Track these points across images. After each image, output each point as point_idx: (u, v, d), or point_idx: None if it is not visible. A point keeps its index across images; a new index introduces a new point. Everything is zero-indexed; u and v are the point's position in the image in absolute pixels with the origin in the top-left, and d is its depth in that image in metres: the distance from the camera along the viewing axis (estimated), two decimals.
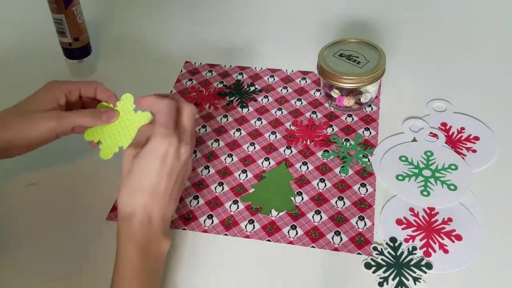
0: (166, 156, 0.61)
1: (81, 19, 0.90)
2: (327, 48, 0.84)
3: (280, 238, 0.68)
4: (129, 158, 0.62)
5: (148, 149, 0.61)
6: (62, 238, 0.69)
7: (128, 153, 0.62)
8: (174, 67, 0.96)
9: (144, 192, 0.60)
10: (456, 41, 0.97)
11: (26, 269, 0.66)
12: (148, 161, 0.61)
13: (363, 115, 0.84)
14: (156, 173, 0.61)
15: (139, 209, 0.60)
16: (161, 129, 0.61)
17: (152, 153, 0.61)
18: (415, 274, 0.63)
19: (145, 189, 0.60)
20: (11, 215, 0.72)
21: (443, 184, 0.73)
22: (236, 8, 1.10)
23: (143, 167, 0.61)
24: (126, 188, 0.61)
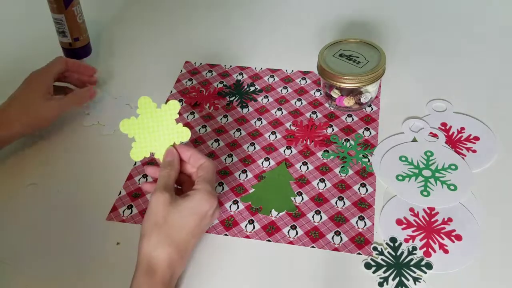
0: (206, 215, 0.62)
1: (81, 19, 0.90)
2: (327, 48, 0.84)
3: (280, 238, 0.68)
4: (164, 204, 0.60)
5: (191, 205, 0.61)
6: (62, 238, 0.69)
7: (162, 199, 0.61)
8: (174, 67, 0.96)
9: (174, 246, 0.59)
10: (456, 41, 0.97)
11: (26, 269, 0.66)
12: (189, 217, 0.61)
13: (363, 115, 0.84)
14: (191, 231, 0.61)
15: (164, 263, 0.59)
16: (207, 187, 0.62)
17: (194, 210, 0.61)
18: (415, 274, 0.63)
19: (176, 244, 0.60)
20: (11, 215, 0.72)
21: (443, 184, 0.73)
22: (236, 8, 1.10)
23: (182, 222, 0.60)
24: (157, 236, 0.59)
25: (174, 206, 0.60)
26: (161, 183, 0.63)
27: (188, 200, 0.61)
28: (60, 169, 0.78)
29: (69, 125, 0.85)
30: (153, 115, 0.66)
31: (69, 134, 0.84)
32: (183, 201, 0.61)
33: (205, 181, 0.63)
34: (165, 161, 0.66)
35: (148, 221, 0.60)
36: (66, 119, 0.85)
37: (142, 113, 0.66)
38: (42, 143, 0.82)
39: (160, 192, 0.61)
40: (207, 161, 0.66)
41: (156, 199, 0.61)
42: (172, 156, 0.66)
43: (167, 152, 0.67)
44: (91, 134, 0.84)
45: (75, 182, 0.77)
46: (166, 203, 0.60)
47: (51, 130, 0.84)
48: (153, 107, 0.66)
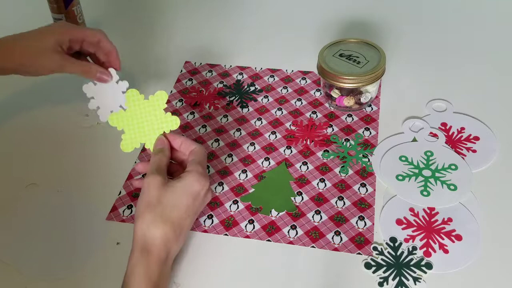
0: (198, 195, 0.63)
1: (81, 19, 0.90)
2: (327, 48, 0.84)
3: (280, 238, 0.68)
4: (158, 186, 0.61)
5: (184, 184, 0.62)
6: (62, 238, 0.69)
7: (156, 181, 0.62)
8: (174, 67, 0.96)
9: (169, 225, 0.60)
10: (456, 41, 0.97)
11: (26, 269, 0.66)
12: (182, 197, 0.62)
13: (363, 115, 0.84)
14: (185, 209, 0.61)
15: (160, 242, 0.59)
16: (199, 168, 0.64)
17: (187, 189, 0.62)
18: (415, 274, 0.63)
19: (170, 222, 0.60)
20: (11, 215, 0.72)
21: (443, 184, 0.73)
22: (236, 8, 1.10)
23: (175, 201, 0.61)
24: (151, 216, 0.60)
25: (167, 187, 0.62)
26: (153, 167, 0.64)
27: (181, 180, 0.63)
28: (60, 169, 0.78)
29: (69, 125, 0.85)
30: (141, 107, 0.68)
31: (69, 134, 0.84)
32: (175, 182, 0.62)
33: (196, 163, 0.64)
34: (156, 148, 0.68)
35: (142, 203, 0.61)
36: (66, 119, 0.85)
37: (130, 105, 0.68)
38: (42, 143, 0.82)
39: (152, 175, 0.62)
40: (198, 146, 0.67)
41: (149, 182, 0.62)
42: (162, 144, 0.68)
43: (157, 140, 0.68)
44: (91, 134, 0.84)
45: (75, 182, 0.77)
46: (159, 184, 0.61)
47: (51, 130, 0.84)
48: (141, 98, 0.68)
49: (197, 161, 0.65)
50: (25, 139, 0.82)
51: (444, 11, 1.05)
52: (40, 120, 0.86)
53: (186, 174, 0.64)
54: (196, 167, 0.64)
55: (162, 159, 0.66)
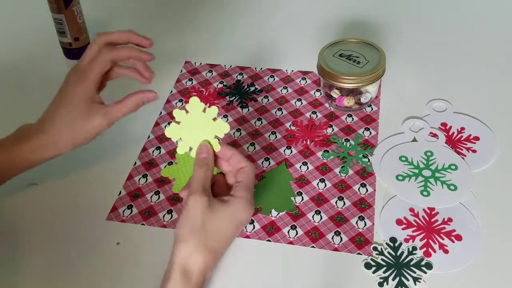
0: (242, 225, 0.60)
1: (81, 19, 0.90)
2: (327, 48, 0.84)
3: (280, 238, 0.68)
4: (204, 208, 0.57)
5: (231, 211, 0.59)
6: (62, 238, 0.69)
7: (201, 202, 0.57)
8: (174, 67, 0.96)
9: (212, 254, 0.57)
10: (456, 41, 0.97)
11: (26, 269, 0.66)
12: (228, 225, 0.58)
13: (363, 115, 0.84)
14: (229, 239, 0.59)
15: (200, 270, 0.56)
16: (248, 195, 0.60)
17: (233, 218, 0.59)
18: (415, 274, 0.63)
19: (214, 252, 0.58)
20: (11, 215, 0.72)
21: (443, 184, 0.73)
22: (236, 8, 1.10)
23: (221, 229, 0.58)
24: (195, 241, 0.57)
25: (212, 211, 0.57)
26: (199, 185, 0.59)
27: (228, 206, 0.59)
28: (60, 169, 0.78)
29: None
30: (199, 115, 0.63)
31: None
32: (222, 207, 0.58)
33: (246, 189, 0.60)
34: (200, 158, 0.62)
35: (186, 226, 0.57)
36: None
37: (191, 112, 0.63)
38: None
39: (199, 195, 0.57)
40: (249, 165, 0.62)
41: (195, 202, 0.57)
42: (206, 153, 0.62)
43: (200, 148, 0.63)
44: None
45: (75, 182, 0.77)
46: (205, 207, 0.57)
47: None
48: (201, 107, 0.63)
49: (247, 186, 0.61)
50: None
51: (444, 11, 1.05)
52: None
53: (234, 200, 0.59)
54: (246, 194, 0.60)
55: (208, 175, 0.60)
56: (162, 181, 0.76)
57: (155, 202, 0.73)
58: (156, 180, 0.76)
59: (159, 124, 0.85)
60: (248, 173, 0.62)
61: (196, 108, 0.63)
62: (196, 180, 0.59)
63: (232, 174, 0.64)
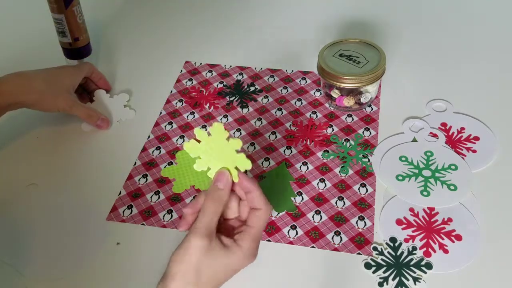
0: (238, 271, 0.56)
1: (81, 19, 0.90)
2: (327, 48, 0.84)
3: (280, 238, 0.68)
4: (202, 250, 0.53)
5: (231, 261, 0.55)
6: (62, 238, 0.69)
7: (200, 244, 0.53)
8: (174, 67, 0.96)
9: None
10: (456, 41, 0.97)
11: (26, 269, 0.66)
12: (223, 274, 0.55)
13: (363, 115, 0.84)
14: (221, 284, 0.55)
15: None
16: (253, 245, 0.55)
17: (231, 267, 0.55)
18: (415, 274, 0.63)
19: None
20: (11, 215, 0.72)
21: (443, 184, 0.73)
22: (236, 8, 1.10)
23: (214, 275, 0.54)
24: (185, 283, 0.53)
25: (211, 256, 0.54)
26: (206, 224, 0.54)
27: (228, 255, 0.55)
28: (60, 169, 0.78)
29: (69, 125, 0.85)
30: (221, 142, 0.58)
31: (69, 134, 0.84)
32: (222, 254, 0.54)
33: (253, 239, 0.56)
34: (215, 189, 0.56)
35: (181, 264, 0.54)
36: (66, 120, 0.85)
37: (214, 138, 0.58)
38: (42, 143, 0.82)
39: (201, 238, 0.53)
40: (265, 210, 0.57)
41: (195, 243, 0.53)
42: (224, 185, 0.56)
43: (219, 176, 0.56)
44: (91, 134, 0.84)
45: (75, 182, 0.77)
46: (205, 250, 0.53)
47: (51, 130, 0.84)
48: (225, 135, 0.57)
49: (255, 236, 0.56)
50: (26, 139, 0.82)
51: (444, 11, 1.05)
52: (40, 121, 0.85)
53: (237, 250, 0.55)
54: (251, 244, 0.55)
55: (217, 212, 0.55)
56: (162, 181, 0.76)
57: (155, 202, 0.73)
58: (156, 180, 0.76)
59: (159, 124, 0.85)
60: (261, 220, 0.57)
61: (219, 134, 0.57)
62: (205, 217, 0.55)
63: (243, 204, 0.59)
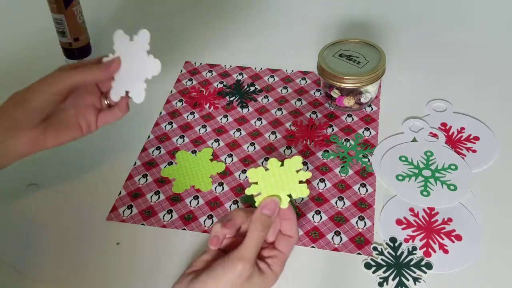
0: None
1: (81, 19, 0.90)
2: (327, 48, 0.84)
3: None
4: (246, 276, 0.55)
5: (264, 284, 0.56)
6: (62, 238, 0.69)
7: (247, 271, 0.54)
8: (174, 67, 0.96)
9: None
10: (456, 41, 0.97)
11: (26, 269, 0.66)
12: None
13: (363, 115, 0.84)
14: None
15: None
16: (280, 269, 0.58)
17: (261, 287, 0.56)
18: (415, 274, 0.63)
19: None
20: (11, 215, 0.72)
21: (443, 184, 0.73)
22: (236, 8, 1.10)
23: None
24: None
25: (249, 282, 0.55)
26: (252, 253, 0.55)
27: (263, 280, 0.56)
28: (60, 169, 0.78)
29: None
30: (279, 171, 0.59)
31: None
32: (257, 279, 0.56)
33: (283, 263, 0.59)
34: (263, 215, 0.57)
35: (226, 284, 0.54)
36: None
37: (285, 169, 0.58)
38: None
39: (249, 267, 0.54)
40: (296, 238, 0.60)
41: (243, 271, 0.54)
42: (272, 211, 0.57)
43: (270, 201, 0.57)
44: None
45: (75, 182, 0.77)
46: (248, 276, 0.55)
47: None
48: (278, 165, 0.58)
49: (284, 260, 0.59)
50: None
51: (444, 11, 1.05)
52: None
53: (271, 274, 0.57)
54: (281, 269, 0.58)
55: (263, 241, 0.57)
56: (162, 181, 0.76)
57: (155, 202, 0.73)
58: (156, 180, 0.76)
59: (159, 124, 0.85)
60: (291, 246, 0.60)
61: (293, 166, 0.58)
62: (251, 244, 0.55)
63: (273, 227, 0.60)
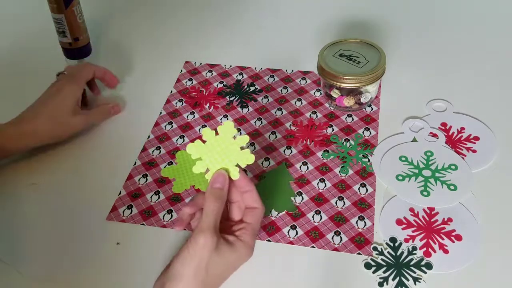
0: (239, 266, 0.60)
1: (81, 19, 0.90)
2: (327, 48, 0.84)
3: (280, 238, 0.68)
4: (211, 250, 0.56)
5: (235, 257, 0.59)
6: (62, 238, 0.69)
7: (209, 243, 0.56)
8: (174, 67, 0.96)
9: None
10: (456, 41, 0.97)
11: (26, 269, 0.66)
12: (229, 270, 0.59)
13: (363, 115, 0.84)
14: (225, 280, 0.60)
15: None
16: (253, 241, 0.60)
17: (236, 263, 0.59)
18: (415, 274, 0.63)
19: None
20: (11, 215, 0.72)
21: (443, 184, 0.73)
22: (236, 8, 1.10)
23: (221, 273, 0.58)
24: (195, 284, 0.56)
25: (218, 254, 0.57)
26: (211, 223, 0.57)
27: (233, 251, 0.58)
28: (60, 169, 0.78)
29: None
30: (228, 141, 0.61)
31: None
32: (228, 251, 0.58)
33: (253, 234, 0.61)
34: (215, 189, 0.60)
35: (190, 265, 0.56)
36: None
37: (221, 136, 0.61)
38: None
39: (210, 236, 0.56)
40: (261, 208, 0.62)
41: (205, 242, 0.56)
42: (222, 184, 0.60)
43: (217, 177, 0.60)
44: (91, 134, 0.84)
45: (75, 182, 0.77)
46: (213, 249, 0.57)
47: None
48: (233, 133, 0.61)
49: (255, 231, 0.61)
50: None
51: (444, 11, 1.05)
52: None
53: (240, 245, 0.59)
54: (251, 239, 0.60)
55: (220, 211, 0.59)
56: (162, 181, 0.76)
57: (155, 202, 0.73)
58: (156, 180, 0.76)
59: (159, 124, 0.85)
60: (258, 216, 0.62)
61: (227, 132, 0.60)
62: (209, 216, 0.58)
63: (237, 206, 0.63)
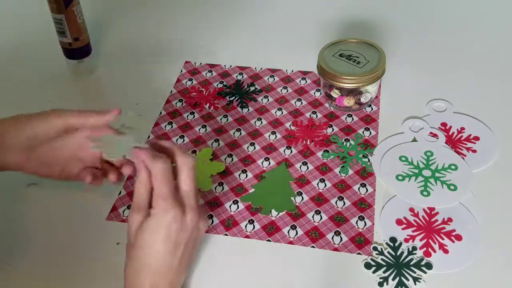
0: (170, 231, 0.57)
1: (81, 19, 0.90)
2: (327, 48, 0.84)
3: (280, 238, 0.68)
4: (134, 224, 0.57)
5: (150, 223, 0.57)
6: (62, 238, 0.69)
7: (134, 218, 0.58)
8: (174, 67, 0.96)
9: (151, 271, 0.57)
10: (456, 41, 0.97)
11: (26, 269, 0.66)
12: (151, 238, 0.57)
13: (363, 115, 0.84)
14: (162, 251, 0.57)
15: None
16: (159, 203, 0.57)
17: (154, 230, 0.57)
18: (415, 274, 0.63)
19: (151, 269, 0.57)
20: (11, 215, 0.72)
21: (443, 184, 0.73)
22: (236, 8, 1.10)
23: (147, 245, 0.57)
24: (132, 266, 0.57)
25: (141, 227, 0.57)
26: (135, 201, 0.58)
27: (147, 221, 0.57)
28: None
29: None
30: None
31: None
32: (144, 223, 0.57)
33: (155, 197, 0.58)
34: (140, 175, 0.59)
35: (128, 243, 0.59)
36: None
37: None
38: None
39: (135, 213, 0.58)
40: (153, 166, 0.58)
41: (131, 219, 0.58)
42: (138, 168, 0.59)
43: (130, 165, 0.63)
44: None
45: (75, 182, 0.76)
46: (136, 222, 0.57)
47: None
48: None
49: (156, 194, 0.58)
50: None
51: (444, 11, 1.05)
52: None
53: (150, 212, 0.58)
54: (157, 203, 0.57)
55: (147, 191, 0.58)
56: None
57: None
58: None
59: (159, 124, 0.85)
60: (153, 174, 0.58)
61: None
62: (136, 196, 0.59)
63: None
